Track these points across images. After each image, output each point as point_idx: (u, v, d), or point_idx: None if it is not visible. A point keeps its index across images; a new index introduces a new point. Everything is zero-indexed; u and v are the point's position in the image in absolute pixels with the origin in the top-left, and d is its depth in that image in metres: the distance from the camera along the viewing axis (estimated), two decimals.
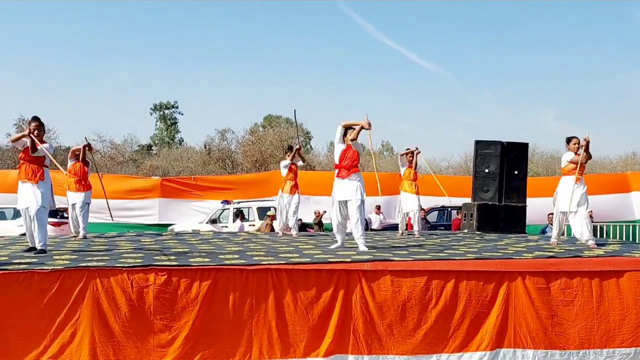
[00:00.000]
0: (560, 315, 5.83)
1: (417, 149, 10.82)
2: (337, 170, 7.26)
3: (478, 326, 5.72)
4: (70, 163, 9.59)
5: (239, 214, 15.74)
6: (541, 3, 55.62)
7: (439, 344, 5.63)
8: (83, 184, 9.45)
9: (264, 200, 16.90)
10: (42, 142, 6.71)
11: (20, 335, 4.93)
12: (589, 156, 7.87)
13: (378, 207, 16.63)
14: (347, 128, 7.17)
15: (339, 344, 5.46)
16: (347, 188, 7.12)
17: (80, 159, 9.49)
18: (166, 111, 47.20)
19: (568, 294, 5.86)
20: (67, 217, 10.69)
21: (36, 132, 6.64)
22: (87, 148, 9.52)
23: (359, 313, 5.52)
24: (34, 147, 6.56)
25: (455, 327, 5.67)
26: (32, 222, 6.56)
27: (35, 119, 6.77)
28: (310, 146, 41.47)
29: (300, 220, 14.85)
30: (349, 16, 58.93)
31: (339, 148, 7.22)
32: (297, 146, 10.60)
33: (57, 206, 13.69)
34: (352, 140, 7.14)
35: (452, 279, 5.71)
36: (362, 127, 7.07)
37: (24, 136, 6.57)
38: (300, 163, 10.74)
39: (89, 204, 9.56)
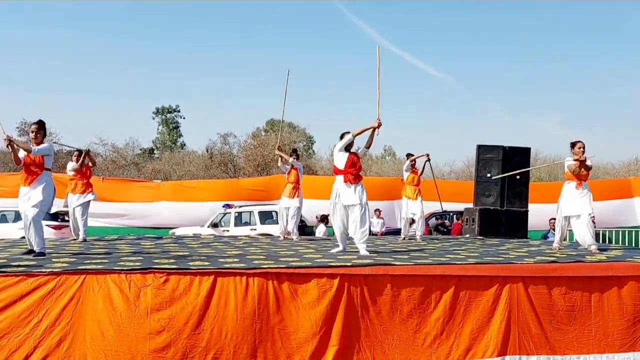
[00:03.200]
0: (560, 320, 5.80)
1: (428, 155, 10.80)
2: (342, 176, 7.24)
3: (482, 332, 5.65)
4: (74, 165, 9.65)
5: (324, 219, 15.44)
6: (545, 11, 55.66)
7: (442, 350, 5.54)
8: (83, 187, 9.49)
9: (266, 204, 16.86)
10: (41, 143, 6.69)
11: (4, 338, 4.83)
12: (587, 168, 7.89)
13: (379, 211, 16.57)
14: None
15: (344, 351, 5.34)
16: (353, 193, 7.16)
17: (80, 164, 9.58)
18: (168, 115, 47.26)
19: (568, 299, 5.83)
20: (68, 220, 10.70)
21: (38, 135, 6.64)
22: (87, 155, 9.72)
23: (360, 319, 5.44)
24: (17, 158, 6.55)
25: (457, 332, 5.59)
26: (29, 225, 6.50)
27: (36, 122, 6.77)
28: (313, 151, 41.47)
29: (304, 222, 14.80)
30: (353, 22, 59.07)
31: (344, 155, 7.26)
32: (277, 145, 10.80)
33: (57, 209, 13.79)
34: (367, 147, 7.44)
35: (454, 283, 5.65)
36: (373, 128, 7.28)
37: (10, 148, 6.48)
38: (296, 162, 10.54)
39: (88, 206, 9.59)
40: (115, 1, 57.85)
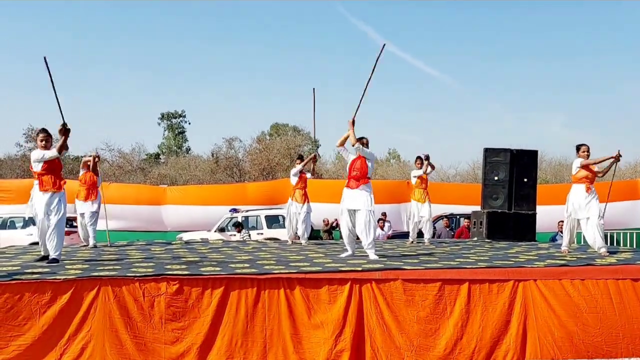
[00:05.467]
0: (585, 323, 5.67)
1: (427, 156, 10.81)
2: (347, 181, 7.34)
3: (502, 337, 5.60)
4: (81, 172, 9.70)
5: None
6: (548, 12, 55.62)
7: (463, 356, 5.49)
8: (92, 193, 9.54)
9: (272, 209, 16.88)
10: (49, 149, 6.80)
11: (32, 348, 4.92)
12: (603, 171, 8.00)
13: (384, 215, 16.56)
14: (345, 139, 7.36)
15: (357, 356, 5.34)
16: (356, 198, 7.18)
17: (91, 169, 9.62)
18: (174, 120, 47.36)
19: (589, 301, 5.73)
20: (77, 226, 10.74)
21: (44, 142, 6.73)
22: (96, 159, 9.72)
23: (375, 324, 5.43)
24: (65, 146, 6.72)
25: (477, 338, 5.53)
26: (51, 230, 6.57)
27: (44, 130, 6.87)
28: (318, 154, 41.45)
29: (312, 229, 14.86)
30: (355, 25, 59.12)
31: (349, 159, 7.34)
32: (313, 154, 10.76)
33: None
34: (353, 145, 7.25)
35: (467, 287, 5.63)
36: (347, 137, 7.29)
37: (64, 140, 6.66)
38: (309, 175, 10.74)
39: (97, 213, 9.63)
40: (120, 5, 58.13)
